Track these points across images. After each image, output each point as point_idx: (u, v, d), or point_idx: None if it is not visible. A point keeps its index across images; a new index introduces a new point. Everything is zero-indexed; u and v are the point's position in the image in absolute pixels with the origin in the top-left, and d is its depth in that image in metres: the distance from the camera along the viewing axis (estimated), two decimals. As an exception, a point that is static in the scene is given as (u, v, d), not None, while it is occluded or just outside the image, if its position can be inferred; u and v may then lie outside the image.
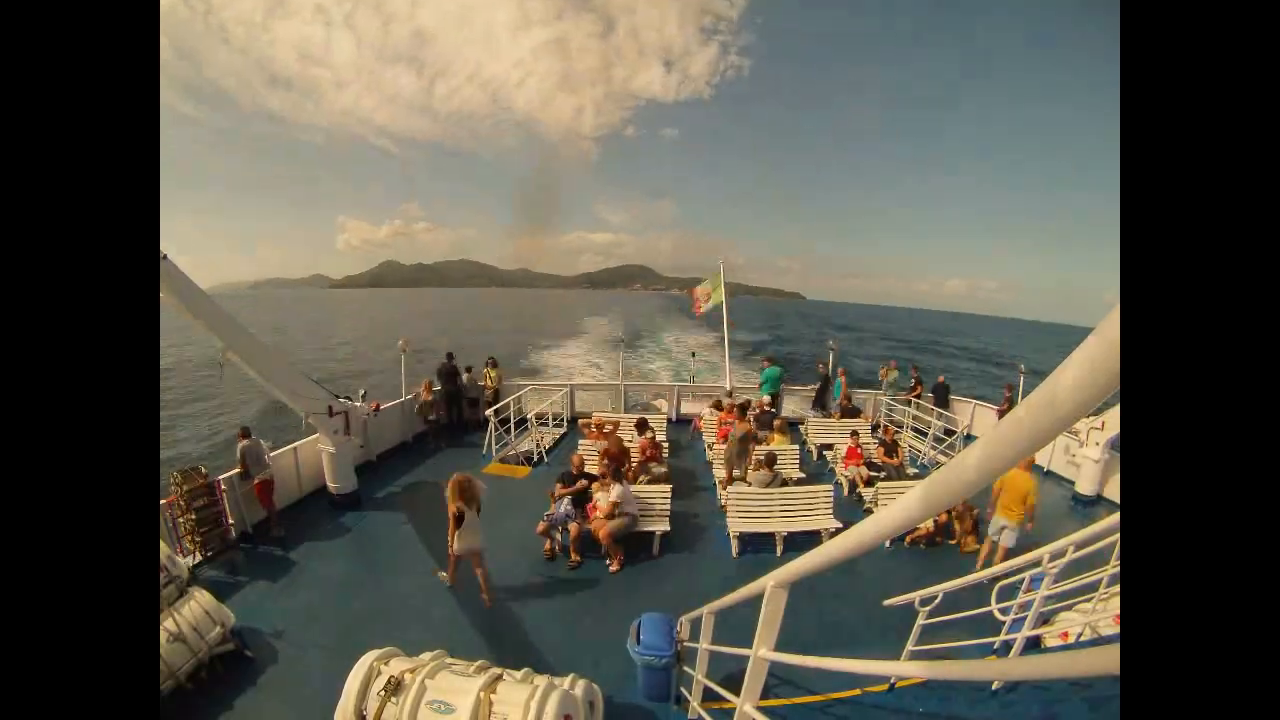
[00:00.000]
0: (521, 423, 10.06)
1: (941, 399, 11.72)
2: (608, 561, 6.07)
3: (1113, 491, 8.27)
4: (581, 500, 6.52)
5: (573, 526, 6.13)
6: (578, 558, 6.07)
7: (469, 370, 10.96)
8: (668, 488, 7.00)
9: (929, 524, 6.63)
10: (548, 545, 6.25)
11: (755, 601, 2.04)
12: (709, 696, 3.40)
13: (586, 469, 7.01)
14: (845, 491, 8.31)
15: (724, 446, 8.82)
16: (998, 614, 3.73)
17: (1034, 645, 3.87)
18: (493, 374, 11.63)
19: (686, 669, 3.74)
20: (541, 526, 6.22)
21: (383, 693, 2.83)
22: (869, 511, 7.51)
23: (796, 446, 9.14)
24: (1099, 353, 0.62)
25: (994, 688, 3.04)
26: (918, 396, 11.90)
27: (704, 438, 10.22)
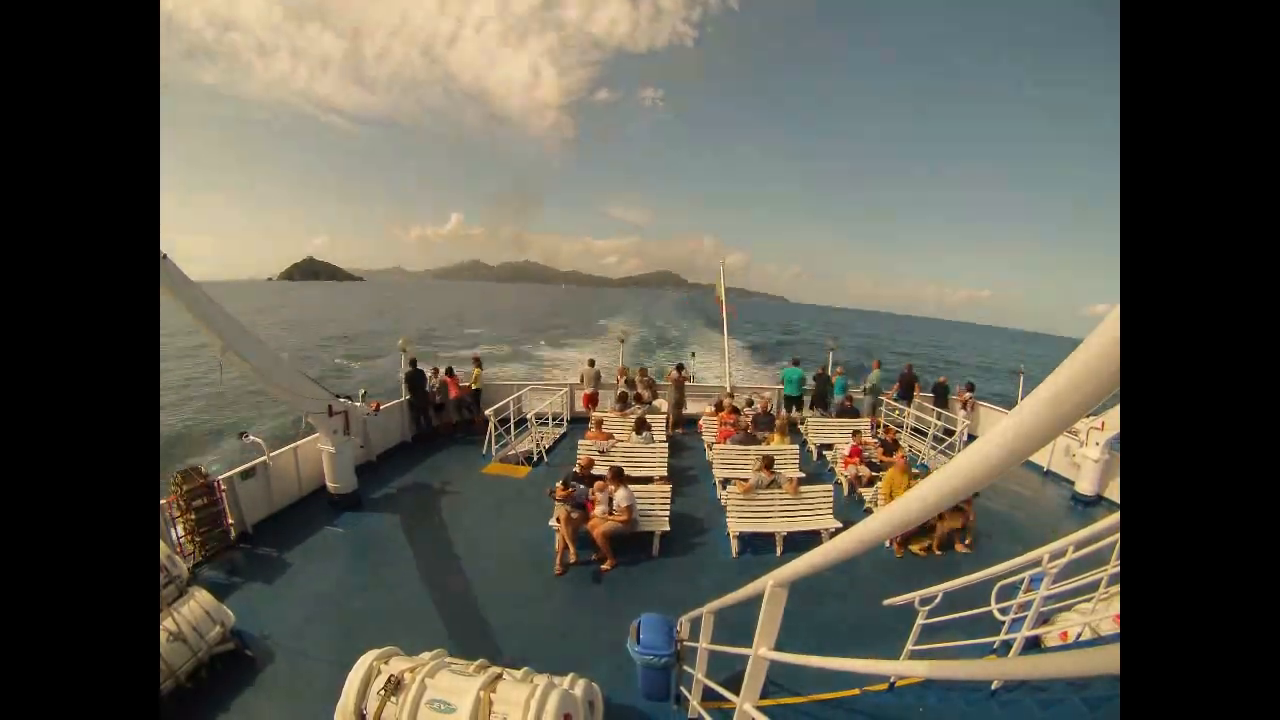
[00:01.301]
0: (521, 422, 10.06)
1: (941, 399, 11.72)
2: (600, 562, 6.05)
3: (1113, 491, 8.27)
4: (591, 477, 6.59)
5: (563, 529, 6.07)
6: (573, 549, 6.01)
7: (434, 373, 11.02)
8: (668, 488, 6.99)
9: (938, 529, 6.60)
10: (559, 566, 5.99)
11: (755, 601, 2.04)
12: (709, 696, 3.41)
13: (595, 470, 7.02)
14: (845, 491, 8.31)
15: (723, 447, 8.83)
16: (998, 614, 3.74)
17: (1034, 645, 3.87)
18: (477, 373, 11.69)
19: (686, 669, 3.74)
20: (560, 496, 6.19)
21: (382, 692, 2.83)
22: (869, 511, 7.51)
23: (796, 446, 9.14)
24: (1099, 352, 0.62)
25: (994, 688, 3.05)
26: (905, 397, 11.87)
27: (704, 438, 10.23)
